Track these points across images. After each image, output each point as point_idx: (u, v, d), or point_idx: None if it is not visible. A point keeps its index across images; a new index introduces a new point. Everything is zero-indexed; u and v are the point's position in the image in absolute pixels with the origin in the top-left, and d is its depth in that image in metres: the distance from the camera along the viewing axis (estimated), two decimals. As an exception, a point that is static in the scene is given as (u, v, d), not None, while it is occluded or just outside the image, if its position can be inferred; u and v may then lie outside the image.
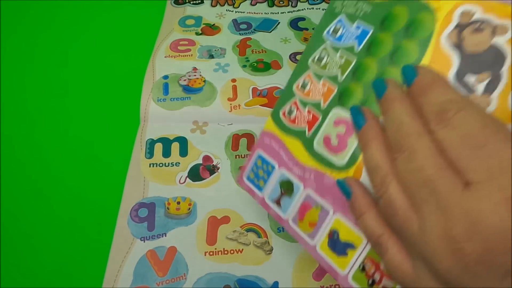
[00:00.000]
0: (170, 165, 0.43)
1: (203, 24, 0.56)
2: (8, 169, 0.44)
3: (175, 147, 0.44)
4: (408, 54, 0.25)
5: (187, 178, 0.42)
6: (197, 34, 0.55)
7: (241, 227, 0.38)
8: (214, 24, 0.56)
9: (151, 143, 0.44)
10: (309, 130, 0.30)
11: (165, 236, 0.38)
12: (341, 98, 0.28)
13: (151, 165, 0.43)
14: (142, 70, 0.49)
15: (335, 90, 0.29)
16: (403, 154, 0.21)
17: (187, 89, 0.47)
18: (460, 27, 0.22)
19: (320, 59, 0.30)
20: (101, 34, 0.57)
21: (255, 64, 0.50)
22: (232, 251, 0.37)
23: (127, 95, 0.48)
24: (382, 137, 0.23)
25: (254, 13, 0.58)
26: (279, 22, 0.56)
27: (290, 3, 0.60)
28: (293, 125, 0.31)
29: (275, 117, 0.32)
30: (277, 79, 0.48)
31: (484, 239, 0.18)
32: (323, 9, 0.58)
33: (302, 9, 0.58)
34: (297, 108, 0.31)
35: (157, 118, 0.46)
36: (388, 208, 0.22)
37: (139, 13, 0.59)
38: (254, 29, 0.56)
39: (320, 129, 0.29)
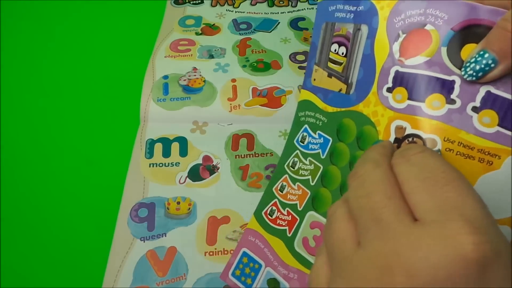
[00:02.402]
0: (170, 165, 0.43)
1: (203, 24, 0.56)
2: (8, 169, 0.44)
3: (175, 147, 0.44)
4: None
5: (187, 178, 0.42)
6: (197, 34, 0.55)
7: (241, 227, 0.38)
8: (214, 24, 0.56)
9: (151, 143, 0.44)
10: (289, 231, 0.33)
11: (165, 236, 0.38)
12: (314, 202, 0.31)
13: (151, 165, 0.43)
14: (142, 70, 0.49)
15: (309, 194, 0.32)
16: (356, 180, 0.21)
17: (187, 89, 0.47)
18: (397, 141, 0.24)
19: (293, 165, 0.34)
20: (101, 34, 0.57)
21: (255, 64, 0.50)
22: (232, 251, 0.37)
23: (127, 95, 0.48)
24: None
25: (254, 13, 0.58)
26: (279, 22, 0.56)
27: (290, 3, 0.60)
28: (274, 225, 0.34)
29: (258, 216, 0.35)
30: (277, 79, 0.48)
31: (417, 279, 0.17)
32: (323, 9, 0.58)
33: (302, 9, 0.58)
34: (278, 209, 0.34)
35: (157, 118, 0.46)
36: (328, 227, 0.22)
37: (139, 13, 0.59)
38: (254, 29, 0.55)
39: (299, 230, 0.32)
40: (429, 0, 0.25)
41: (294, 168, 0.33)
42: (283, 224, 0.33)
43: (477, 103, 0.23)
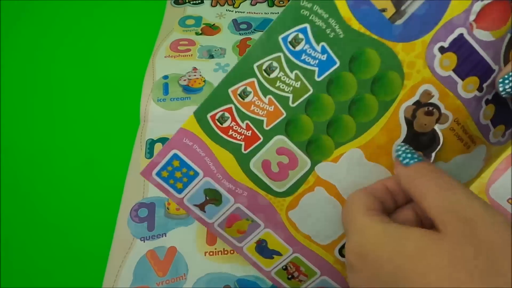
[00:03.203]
0: (170, 165, 0.43)
1: (203, 24, 0.56)
2: (8, 168, 0.44)
3: (175, 147, 0.44)
4: (367, 110, 0.25)
5: (187, 178, 0.42)
6: (197, 34, 0.55)
7: (241, 227, 0.38)
8: (214, 24, 0.56)
9: (151, 143, 0.44)
10: (246, 148, 0.28)
11: (165, 236, 0.38)
12: (288, 127, 0.26)
13: (151, 165, 0.43)
14: (142, 70, 0.49)
15: (283, 115, 0.26)
16: None
17: (187, 89, 0.47)
18: (417, 105, 0.24)
19: (269, 70, 0.25)
20: (101, 34, 0.57)
21: (255, 64, 0.50)
22: (232, 251, 0.37)
23: (127, 95, 0.48)
24: None
25: (254, 13, 0.58)
26: (279, 22, 0.56)
27: (290, 3, 0.60)
28: (225, 135, 0.28)
29: (201, 119, 0.28)
30: (277, 79, 0.48)
31: None
32: (323, 9, 0.58)
33: (302, 9, 0.58)
34: (233, 118, 0.27)
35: (157, 118, 0.46)
36: None
37: (139, 13, 0.59)
38: (254, 29, 0.55)
39: (259, 151, 0.28)
40: None
41: (268, 75, 0.25)
42: (238, 138, 0.27)
43: (490, 97, 0.24)
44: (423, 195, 0.22)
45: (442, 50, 0.23)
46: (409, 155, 0.24)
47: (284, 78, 0.25)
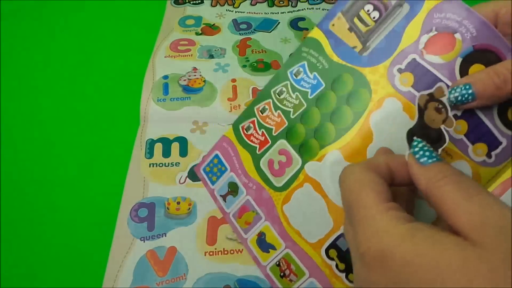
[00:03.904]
0: (170, 165, 0.43)
1: (203, 24, 0.56)
2: (8, 168, 0.44)
3: (175, 147, 0.44)
4: (344, 118, 0.31)
5: (187, 178, 0.42)
6: (197, 34, 0.55)
7: (241, 227, 0.38)
8: (214, 24, 0.56)
9: (151, 143, 0.44)
10: (259, 150, 0.36)
11: (165, 236, 0.38)
12: (288, 134, 0.35)
13: (151, 165, 0.43)
14: (142, 70, 0.49)
15: (286, 125, 0.35)
16: None
17: (187, 89, 0.47)
18: (430, 97, 0.26)
19: (280, 93, 0.36)
20: (101, 34, 0.57)
21: (255, 64, 0.50)
22: (232, 251, 0.37)
23: (127, 95, 0.48)
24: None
25: (254, 13, 0.58)
26: (279, 22, 0.56)
27: (290, 3, 0.60)
28: (248, 140, 0.37)
29: (236, 128, 0.38)
30: (277, 79, 0.48)
31: None
32: (323, 9, 0.58)
33: (302, 9, 0.58)
34: (254, 128, 0.37)
35: (157, 118, 0.46)
36: None
37: (139, 13, 0.59)
38: (254, 29, 0.56)
39: (267, 152, 0.36)
40: (470, 12, 0.27)
41: (279, 96, 0.35)
42: (255, 142, 0.37)
43: (459, 113, 0.28)
44: (449, 203, 0.20)
45: (400, 70, 0.29)
46: (427, 153, 0.23)
47: (288, 98, 0.35)
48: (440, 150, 0.24)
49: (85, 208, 0.41)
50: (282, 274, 0.34)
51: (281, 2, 0.60)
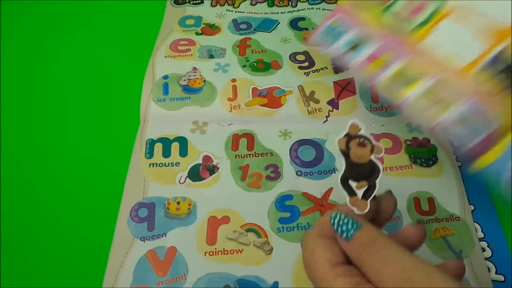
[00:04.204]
0: (170, 165, 0.43)
1: (203, 24, 0.56)
2: (8, 168, 0.44)
3: (175, 147, 0.44)
4: None
5: (187, 178, 0.42)
6: (197, 34, 0.55)
7: (241, 227, 0.38)
8: (214, 24, 0.56)
9: (151, 143, 0.44)
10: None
11: (165, 236, 0.38)
12: None
13: (151, 165, 0.43)
14: (142, 70, 0.49)
15: None
16: None
17: (187, 89, 0.47)
18: (348, 137, 0.26)
19: None
20: (101, 34, 0.57)
21: (255, 64, 0.50)
22: (232, 251, 0.37)
23: (127, 95, 0.48)
24: None
25: (254, 13, 0.58)
26: (279, 22, 0.56)
27: (290, 3, 0.60)
28: None
29: None
30: (277, 79, 0.48)
31: None
32: (323, 9, 0.58)
33: (302, 9, 0.58)
34: None
35: (157, 118, 0.46)
36: None
37: (139, 13, 0.59)
38: (254, 29, 0.56)
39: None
40: None
41: None
42: None
43: None
44: (374, 273, 0.23)
45: None
46: (344, 227, 0.25)
47: None
48: (377, 181, 0.26)
49: (85, 208, 0.41)
50: None
51: (281, 2, 0.60)
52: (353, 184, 0.26)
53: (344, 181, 0.26)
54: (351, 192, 0.26)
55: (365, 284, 0.22)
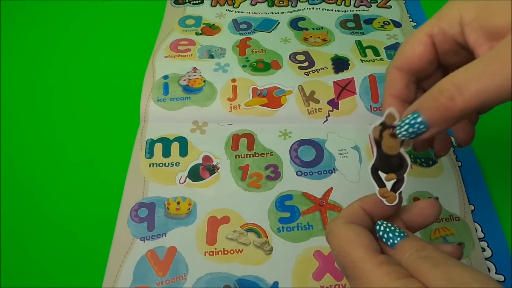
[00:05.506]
0: (170, 165, 0.43)
1: (203, 24, 0.56)
2: (8, 168, 0.44)
3: (175, 147, 0.44)
4: None
5: (187, 178, 0.42)
6: (197, 34, 0.55)
7: (241, 227, 0.38)
8: (214, 24, 0.56)
9: (151, 143, 0.44)
10: None
11: (165, 236, 0.38)
12: None
13: (151, 165, 0.43)
14: (142, 70, 0.49)
15: None
16: None
17: (187, 89, 0.47)
18: (383, 125, 0.25)
19: None
20: (101, 34, 0.57)
21: (255, 64, 0.50)
22: (232, 251, 0.37)
23: (127, 95, 0.48)
24: None
25: (254, 13, 0.58)
26: (279, 22, 0.56)
27: (290, 3, 0.60)
28: None
29: None
30: (277, 79, 0.48)
31: None
32: (323, 9, 0.58)
33: (302, 9, 0.58)
34: None
35: (157, 118, 0.46)
36: None
37: (139, 13, 0.59)
38: (254, 29, 0.56)
39: None
40: None
41: None
42: None
43: None
44: (421, 273, 0.21)
45: None
46: (390, 234, 0.24)
47: None
48: (405, 175, 0.25)
49: (85, 208, 0.41)
50: None
51: (281, 2, 0.60)
52: (382, 175, 0.26)
53: (374, 171, 0.26)
54: (381, 183, 0.26)
55: (412, 278, 0.21)
